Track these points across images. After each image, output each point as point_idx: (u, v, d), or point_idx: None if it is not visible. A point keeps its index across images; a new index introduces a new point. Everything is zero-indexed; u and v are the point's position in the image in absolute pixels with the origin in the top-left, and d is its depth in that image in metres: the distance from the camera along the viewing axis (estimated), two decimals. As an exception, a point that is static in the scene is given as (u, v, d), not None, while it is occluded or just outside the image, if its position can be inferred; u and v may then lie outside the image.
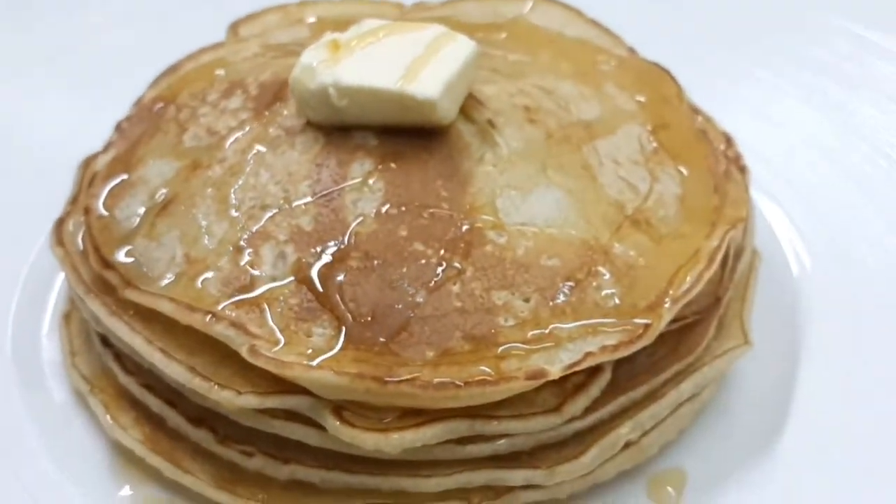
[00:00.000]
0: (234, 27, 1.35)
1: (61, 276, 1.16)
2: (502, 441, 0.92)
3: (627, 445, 0.97)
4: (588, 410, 0.94)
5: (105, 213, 1.07)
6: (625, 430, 0.95)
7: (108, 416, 1.01)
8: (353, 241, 0.97)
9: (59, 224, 1.09)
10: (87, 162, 1.16)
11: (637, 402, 0.97)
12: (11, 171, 1.27)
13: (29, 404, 1.06)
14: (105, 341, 1.04)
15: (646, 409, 0.96)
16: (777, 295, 1.14)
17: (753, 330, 1.08)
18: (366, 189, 1.01)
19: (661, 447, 1.00)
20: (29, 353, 1.11)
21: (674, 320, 0.99)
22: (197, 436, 0.97)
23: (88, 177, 1.12)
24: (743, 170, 1.14)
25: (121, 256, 1.02)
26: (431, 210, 0.99)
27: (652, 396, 0.97)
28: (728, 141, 1.18)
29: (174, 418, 0.98)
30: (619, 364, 0.98)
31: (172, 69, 1.25)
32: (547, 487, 0.94)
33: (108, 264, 1.01)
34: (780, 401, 1.05)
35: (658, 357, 1.00)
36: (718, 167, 1.12)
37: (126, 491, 0.99)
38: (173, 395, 0.99)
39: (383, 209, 0.99)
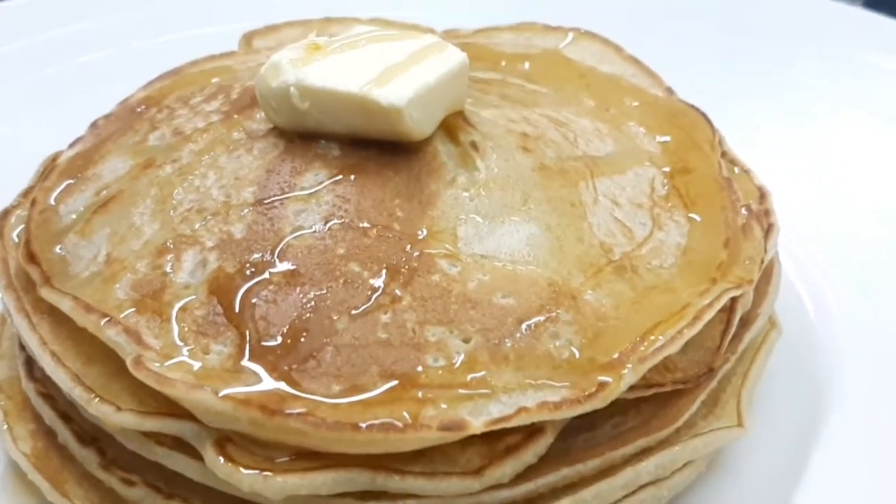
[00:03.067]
0: (247, 38, 1.28)
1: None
2: (409, 502, 0.77)
3: (564, 530, 0.80)
4: (519, 479, 0.78)
5: (51, 206, 0.98)
6: (559, 509, 0.79)
7: (3, 424, 0.91)
8: (282, 254, 0.85)
9: (3, 215, 1.01)
10: (55, 157, 1.08)
11: (586, 478, 0.81)
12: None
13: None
14: (21, 344, 0.95)
15: (591, 487, 0.79)
16: (800, 376, 0.95)
17: (764, 411, 0.90)
18: (313, 201, 0.89)
19: (613, 538, 0.82)
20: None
21: (647, 387, 0.83)
22: (82, 455, 0.86)
23: (48, 171, 1.04)
24: (769, 228, 0.97)
25: (50, 252, 0.93)
26: (379, 229, 0.87)
27: (604, 473, 0.80)
28: (762, 195, 1.02)
29: (63, 432, 0.87)
30: (575, 431, 0.83)
31: (172, 72, 1.18)
32: (459, 568, 0.79)
33: (33, 258, 0.92)
34: (779, 502, 0.86)
35: (626, 428, 0.85)
36: (737, 220, 0.96)
37: (7, 510, 0.87)
38: (71, 408, 0.88)
39: (326, 224, 0.88)
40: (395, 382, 0.78)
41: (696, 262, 0.91)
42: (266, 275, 0.84)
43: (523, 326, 0.82)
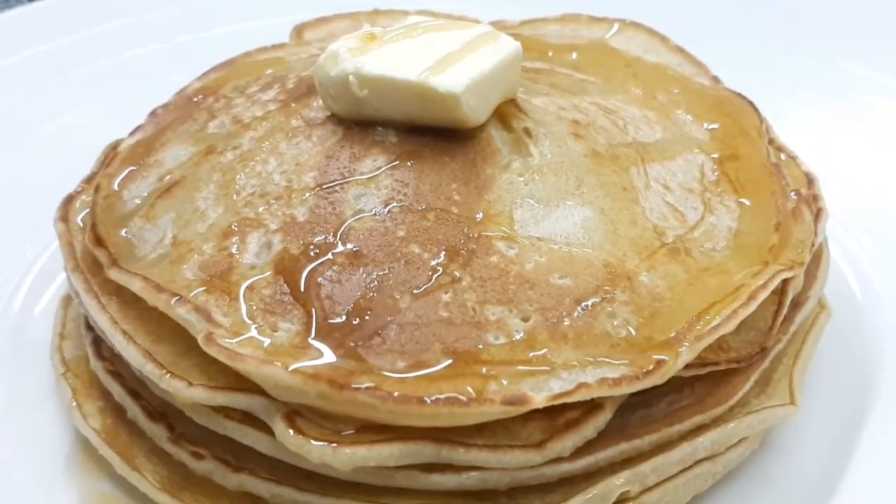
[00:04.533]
0: (298, 30, 1.31)
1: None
2: (473, 474, 0.80)
3: (624, 502, 0.82)
4: (580, 453, 0.80)
5: (115, 192, 1.01)
6: (619, 481, 0.81)
7: (73, 401, 0.94)
8: (345, 236, 0.88)
9: (68, 201, 1.05)
10: (115, 145, 1.11)
11: (644, 453, 0.83)
12: (48, 154, 1.24)
13: (9, 383, 1.00)
14: (88, 324, 0.98)
15: (649, 461, 0.81)
16: (848, 357, 0.97)
17: (814, 392, 0.92)
18: (372, 185, 0.92)
19: (668, 511, 0.85)
20: (23, 332, 1.05)
21: (703, 365, 0.85)
22: (151, 430, 0.89)
23: (109, 158, 1.08)
24: (819, 212, 0.99)
25: (116, 236, 0.96)
26: (438, 212, 0.89)
27: (661, 448, 0.82)
28: (810, 181, 1.04)
29: (132, 408, 0.90)
30: (632, 408, 0.85)
31: (226, 63, 1.21)
32: (521, 536, 0.81)
33: (100, 242, 0.95)
34: (829, 479, 0.88)
35: (680, 406, 0.86)
36: (787, 205, 0.98)
37: (77, 483, 0.90)
38: (140, 385, 0.91)
39: (386, 207, 0.90)
40: (458, 359, 0.80)
41: (748, 246, 0.93)
42: (330, 256, 0.87)
43: (580, 306, 0.84)
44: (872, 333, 1.00)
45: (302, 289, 0.85)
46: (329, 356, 0.81)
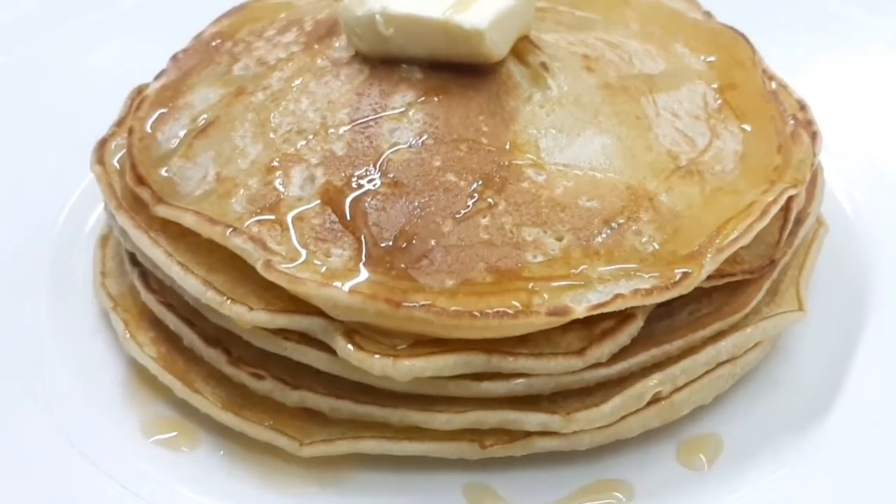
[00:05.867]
0: (303, -25, 1.33)
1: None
2: (520, 381, 0.87)
3: (656, 401, 0.90)
4: (615, 359, 0.88)
5: (148, 134, 1.06)
6: (652, 383, 0.89)
7: (126, 333, 0.99)
8: (384, 167, 0.93)
9: (102, 144, 1.08)
10: (139, 90, 1.15)
11: (672, 357, 0.90)
12: (69, 100, 1.27)
13: (55, 321, 1.05)
14: (133, 260, 1.03)
15: (678, 363, 0.89)
16: (843, 270, 1.05)
17: (813, 302, 1.00)
18: (404, 119, 0.97)
19: (694, 410, 0.93)
20: (64, 272, 1.10)
21: (721, 276, 0.93)
22: (210, 355, 0.94)
23: (137, 101, 1.12)
24: (814, 135, 1.06)
25: (156, 175, 1.00)
26: (469, 143, 0.95)
27: (687, 352, 0.90)
28: (802, 107, 1.11)
29: (189, 336, 0.95)
30: (657, 318, 0.92)
31: (238, 9, 1.25)
32: (565, 436, 0.89)
33: (142, 181, 0.99)
34: (832, 379, 0.96)
35: (700, 315, 0.94)
36: (786, 128, 1.05)
37: (136, 408, 0.96)
38: (192, 314, 0.96)
39: (420, 139, 0.95)
40: (501, 276, 0.87)
41: (754, 167, 1.00)
42: (372, 186, 0.92)
43: (609, 225, 0.91)
44: (864, 245, 1.08)
45: (349, 217, 0.91)
46: (383, 278, 0.86)
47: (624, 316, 0.88)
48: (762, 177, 0.99)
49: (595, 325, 0.88)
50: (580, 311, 0.84)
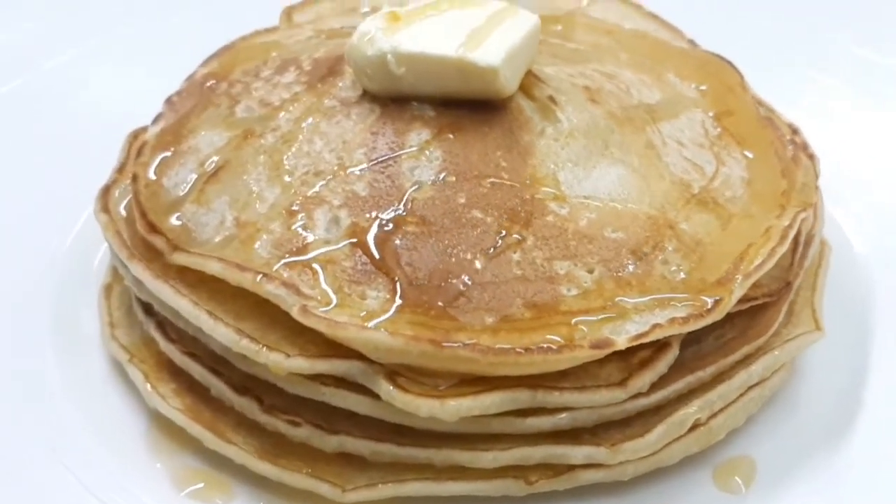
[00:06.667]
0: (287, 13, 1.33)
1: (103, 248, 1.13)
2: (564, 415, 0.87)
3: (695, 428, 0.91)
4: (654, 388, 0.89)
5: (153, 180, 1.04)
6: (693, 410, 0.90)
7: (147, 385, 0.97)
8: (409, 206, 0.93)
9: (105, 191, 1.06)
10: (136, 134, 1.13)
11: (706, 383, 0.92)
12: (57, 144, 1.24)
13: (65, 377, 1.02)
14: (147, 310, 1.01)
15: (714, 389, 0.91)
16: (845, 287, 1.09)
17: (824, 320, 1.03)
18: (423, 157, 0.97)
19: (728, 433, 0.94)
20: (67, 325, 1.07)
21: (743, 301, 0.94)
22: (241, 404, 0.92)
23: (137, 147, 1.10)
24: (812, 157, 1.10)
25: (169, 222, 0.99)
26: (491, 179, 0.96)
27: (720, 377, 0.92)
28: (795, 131, 1.15)
29: (218, 386, 0.94)
30: (686, 345, 0.94)
31: (226, 49, 1.24)
32: (609, 467, 0.89)
33: (155, 229, 0.98)
34: (852, 392, 0.99)
35: (726, 339, 0.96)
36: (786, 153, 1.08)
37: (162, 462, 0.93)
38: (217, 363, 0.95)
39: (441, 177, 0.96)
40: (539, 311, 0.87)
41: (762, 192, 1.03)
42: (400, 225, 0.92)
43: (637, 256, 0.92)
44: (865, 263, 1.11)
45: (381, 258, 0.90)
46: (422, 318, 0.86)
47: (660, 345, 0.89)
48: (772, 201, 1.01)
49: (632, 356, 0.89)
50: (621, 342, 0.85)
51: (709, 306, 0.89)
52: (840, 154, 1.25)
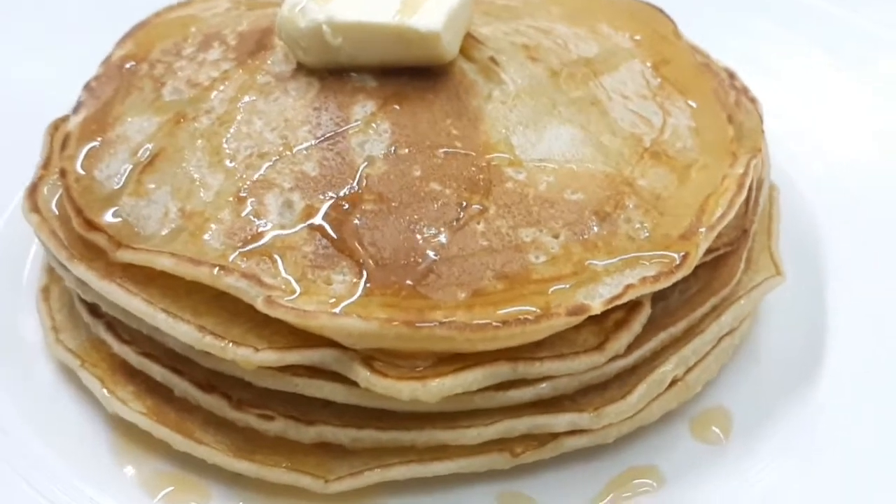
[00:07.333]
0: (198, -16, 1.27)
1: (33, 249, 1.06)
2: (545, 384, 0.86)
3: (673, 383, 0.91)
4: (631, 348, 0.88)
5: (83, 174, 0.98)
6: (670, 367, 0.90)
7: (104, 391, 0.92)
8: (364, 183, 0.90)
9: (33, 190, 1.00)
10: (56, 125, 1.07)
11: (678, 339, 0.92)
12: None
13: (10, 388, 0.97)
14: (93, 311, 0.95)
15: (689, 344, 0.91)
16: (795, 228, 1.09)
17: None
18: (371, 130, 0.94)
19: (703, 385, 0.94)
20: (4, 333, 1.01)
21: (706, 253, 0.94)
22: (209, 403, 0.89)
23: (60, 139, 1.03)
24: (753, 101, 1.09)
25: (107, 217, 0.93)
26: (444, 149, 0.93)
27: (693, 331, 0.92)
28: (731, 75, 1.14)
29: (181, 385, 0.89)
30: (654, 302, 0.93)
31: (139, 27, 1.17)
32: (593, 432, 0.88)
33: (93, 226, 0.92)
34: (813, 332, 1.01)
35: (692, 293, 0.96)
36: (728, 98, 1.08)
37: (129, 468, 0.89)
38: (177, 361, 0.90)
39: (392, 150, 0.93)
40: (511, 282, 0.85)
41: (712, 140, 1.02)
42: (357, 204, 0.89)
43: (600, 216, 0.91)
44: (810, 200, 1.12)
45: (342, 240, 0.87)
46: (393, 299, 0.84)
47: (632, 304, 0.88)
48: (723, 149, 1.01)
49: (606, 319, 0.88)
50: (597, 306, 0.84)
51: (677, 262, 0.88)
52: (769, 93, 1.25)
